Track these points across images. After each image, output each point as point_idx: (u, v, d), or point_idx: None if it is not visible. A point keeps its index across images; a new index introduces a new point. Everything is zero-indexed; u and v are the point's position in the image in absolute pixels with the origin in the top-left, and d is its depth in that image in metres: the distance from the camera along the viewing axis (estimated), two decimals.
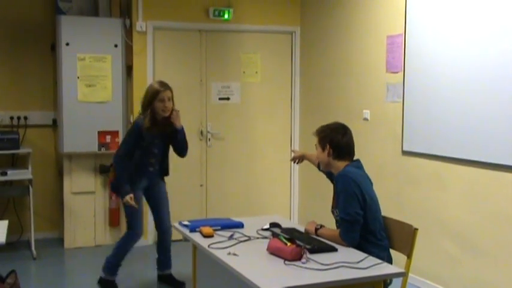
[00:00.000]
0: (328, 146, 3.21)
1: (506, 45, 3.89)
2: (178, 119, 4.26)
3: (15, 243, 5.75)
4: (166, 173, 4.52)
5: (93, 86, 5.60)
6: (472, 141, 4.17)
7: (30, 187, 5.43)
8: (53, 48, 5.79)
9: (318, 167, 3.55)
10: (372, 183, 3.27)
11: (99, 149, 5.65)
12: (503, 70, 3.92)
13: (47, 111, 5.95)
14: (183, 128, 4.31)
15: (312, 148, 3.33)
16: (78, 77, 5.55)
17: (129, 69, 5.84)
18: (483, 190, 4.12)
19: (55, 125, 5.89)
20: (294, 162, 3.88)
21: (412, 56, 4.70)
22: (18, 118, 5.83)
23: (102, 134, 5.65)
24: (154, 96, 4.16)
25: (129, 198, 4.18)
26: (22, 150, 5.66)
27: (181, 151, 4.43)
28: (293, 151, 3.88)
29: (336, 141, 3.21)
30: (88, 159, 5.79)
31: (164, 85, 4.23)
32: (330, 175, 3.45)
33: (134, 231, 4.40)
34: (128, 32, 5.76)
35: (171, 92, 4.23)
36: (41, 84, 5.93)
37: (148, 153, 4.28)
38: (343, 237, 3.06)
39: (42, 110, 5.94)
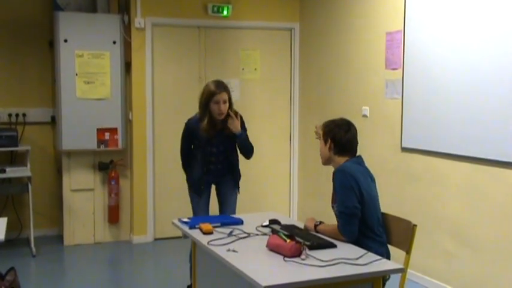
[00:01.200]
0: (330, 141, 3.23)
1: (505, 42, 3.89)
2: (235, 124, 4.04)
3: (15, 241, 5.75)
4: (237, 178, 4.35)
5: (92, 83, 5.60)
6: (470, 137, 4.17)
7: (29, 184, 5.42)
8: (51, 44, 5.78)
9: None
10: (373, 180, 3.27)
11: (98, 146, 5.65)
12: (501, 67, 3.92)
13: (46, 108, 5.94)
14: (242, 134, 4.10)
15: (310, 144, 3.32)
16: (76, 74, 5.54)
17: (127, 66, 5.82)
18: (482, 186, 4.12)
19: (54, 122, 5.88)
20: None
21: (411, 53, 4.70)
22: (17, 115, 5.82)
23: (101, 131, 5.64)
24: (209, 98, 3.95)
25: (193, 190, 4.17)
26: (21, 148, 5.65)
27: (245, 153, 4.27)
28: None
29: (339, 136, 3.22)
30: (87, 156, 5.78)
31: (220, 86, 3.99)
32: None
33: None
34: (127, 28, 5.75)
35: (228, 93, 3.99)
36: (39, 81, 5.92)
37: (206, 153, 4.12)
38: (341, 231, 3.06)
39: (41, 107, 5.93)
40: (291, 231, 3.11)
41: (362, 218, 3.10)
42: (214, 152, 4.14)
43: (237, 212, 4.25)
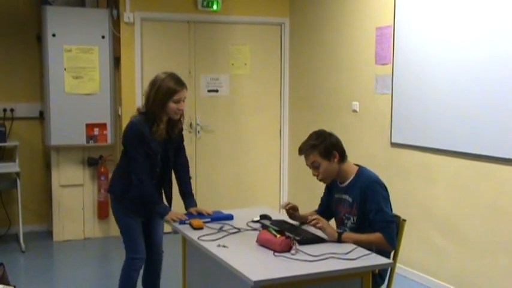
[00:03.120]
0: (335, 153, 3.09)
1: (495, 37, 3.91)
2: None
3: (3, 237, 5.72)
4: (169, 198, 3.64)
5: (81, 77, 5.56)
6: (460, 133, 4.19)
7: (17, 180, 5.39)
8: (39, 39, 5.74)
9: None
10: None
11: (87, 142, 5.62)
12: (491, 62, 3.94)
13: (34, 104, 5.90)
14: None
15: (300, 139, 3.29)
16: (65, 69, 5.50)
17: (116, 61, 5.80)
18: (471, 181, 4.15)
19: (42, 117, 5.84)
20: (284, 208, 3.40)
21: (401, 48, 4.71)
22: (5, 110, 5.78)
23: (90, 126, 5.61)
24: (169, 96, 3.34)
25: (173, 216, 3.36)
26: (9, 143, 5.62)
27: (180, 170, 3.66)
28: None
29: (337, 144, 3.13)
30: (76, 151, 5.76)
31: (181, 81, 3.44)
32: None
33: (137, 255, 3.58)
34: (115, 23, 5.71)
35: (186, 90, 3.47)
36: (27, 76, 5.88)
37: (154, 163, 3.44)
38: (392, 242, 2.98)
39: (29, 102, 5.89)
40: (281, 226, 3.11)
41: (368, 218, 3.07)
42: (159, 164, 3.47)
43: (227, 207, 4.24)
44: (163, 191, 3.61)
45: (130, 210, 3.49)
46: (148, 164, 3.39)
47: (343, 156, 3.13)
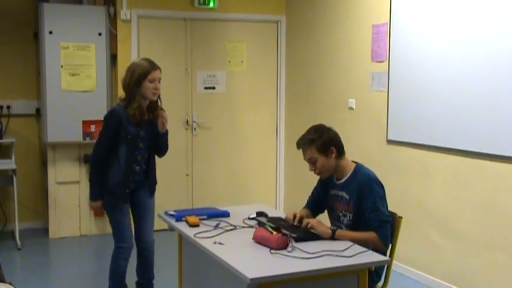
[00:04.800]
0: (333, 149, 3.07)
1: (491, 36, 3.91)
2: (167, 122, 3.66)
3: None
4: (153, 184, 3.81)
5: (77, 75, 5.55)
6: (456, 130, 4.20)
7: (14, 177, 5.38)
8: (36, 36, 5.72)
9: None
10: None
11: (84, 139, 5.61)
12: (487, 60, 3.94)
13: (31, 100, 5.89)
14: (167, 132, 3.73)
15: (296, 136, 3.29)
16: (61, 66, 5.49)
17: (113, 58, 5.79)
18: (466, 178, 4.16)
19: (39, 114, 5.83)
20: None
21: (397, 46, 4.72)
22: (1, 107, 5.77)
23: (86, 123, 5.60)
24: (144, 76, 3.51)
25: (97, 205, 3.63)
26: (5, 140, 5.61)
27: (161, 152, 3.79)
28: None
29: (335, 139, 3.10)
30: (72, 148, 5.75)
31: (154, 63, 3.61)
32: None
33: (124, 244, 3.70)
34: (112, 20, 5.71)
35: (160, 72, 3.63)
36: (24, 73, 5.87)
37: (134, 149, 3.59)
38: (385, 239, 2.99)
39: (26, 99, 5.88)
40: (278, 223, 3.11)
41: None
42: (141, 147, 3.64)
43: (223, 204, 4.25)
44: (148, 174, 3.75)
45: (112, 196, 3.64)
46: (124, 149, 3.57)
47: (340, 152, 3.12)
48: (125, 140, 3.56)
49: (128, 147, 3.58)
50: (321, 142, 3.06)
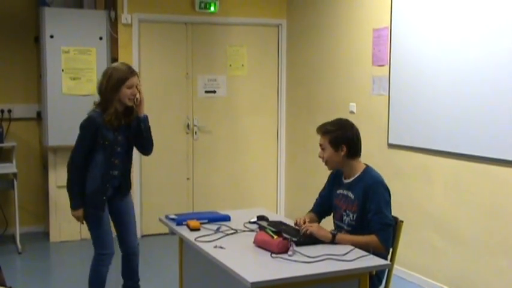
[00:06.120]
0: (344, 147, 3.09)
1: (492, 38, 3.92)
2: (144, 105, 3.60)
3: (0, 238, 5.71)
4: (129, 187, 3.77)
5: (78, 79, 5.56)
6: (457, 134, 4.20)
7: (14, 181, 5.38)
8: (37, 40, 5.73)
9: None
10: None
11: None
12: (488, 64, 3.95)
13: (32, 104, 5.90)
14: (147, 117, 3.64)
15: (297, 140, 3.30)
16: (62, 70, 5.50)
17: (114, 62, 5.78)
18: (468, 183, 4.15)
19: (40, 118, 5.83)
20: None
21: (398, 49, 4.72)
22: (2, 111, 5.77)
23: None
24: (122, 82, 3.45)
25: (79, 214, 3.55)
26: (6, 144, 5.61)
27: (146, 146, 3.70)
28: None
29: (351, 139, 3.11)
30: None
31: (132, 68, 3.56)
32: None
33: (106, 251, 3.65)
34: (113, 24, 5.72)
35: (138, 78, 3.58)
36: (25, 77, 5.87)
37: (112, 154, 3.54)
38: (386, 243, 2.99)
39: (27, 103, 5.88)
40: (278, 227, 3.11)
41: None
42: (119, 152, 3.59)
43: (224, 208, 4.24)
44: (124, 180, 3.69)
45: (90, 205, 3.56)
46: (102, 156, 3.52)
47: (352, 152, 3.13)
48: (102, 146, 3.51)
49: (105, 153, 3.52)
50: (335, 136, 3.10)
